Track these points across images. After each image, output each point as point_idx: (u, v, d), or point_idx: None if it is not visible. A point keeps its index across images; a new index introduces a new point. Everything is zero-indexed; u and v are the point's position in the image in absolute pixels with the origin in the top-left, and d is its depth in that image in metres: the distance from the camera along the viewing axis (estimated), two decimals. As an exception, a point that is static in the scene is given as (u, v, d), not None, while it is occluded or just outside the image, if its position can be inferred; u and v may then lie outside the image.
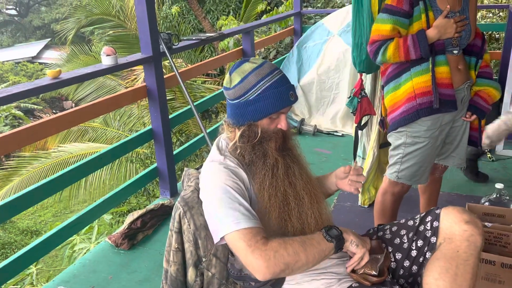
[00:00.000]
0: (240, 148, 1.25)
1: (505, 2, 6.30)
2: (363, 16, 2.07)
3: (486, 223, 2.08)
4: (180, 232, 1.25)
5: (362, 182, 1.37)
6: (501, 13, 6.48)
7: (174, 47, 2.80)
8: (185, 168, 1.42)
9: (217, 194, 1.18)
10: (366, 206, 2.68)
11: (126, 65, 2.50)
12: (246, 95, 1.22)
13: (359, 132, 2.63)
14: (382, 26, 1.76)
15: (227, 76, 1.28)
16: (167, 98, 6.63)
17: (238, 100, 1.24)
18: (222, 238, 1.16)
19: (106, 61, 2.38)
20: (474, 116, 1.89)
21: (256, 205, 1.23)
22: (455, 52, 1.79)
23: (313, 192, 1.29)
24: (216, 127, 3.53)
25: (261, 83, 1.21)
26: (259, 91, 1.21)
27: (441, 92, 1.75)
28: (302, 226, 1.23)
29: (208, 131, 3.05)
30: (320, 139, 3.86)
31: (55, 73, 2.07)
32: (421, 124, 1.80)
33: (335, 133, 3.92)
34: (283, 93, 1.21)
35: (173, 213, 1.27)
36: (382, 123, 2.12)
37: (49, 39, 21.05)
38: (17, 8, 24.49)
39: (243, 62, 1.26)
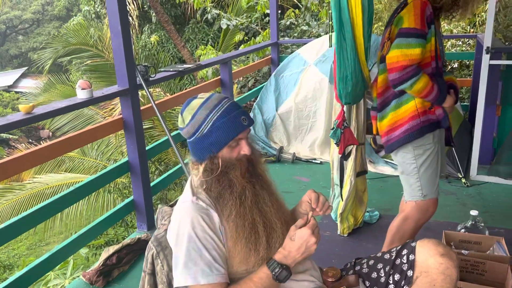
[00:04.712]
0: (206, 183, 1.24)
1: (473, 32, 6.57)
2: (347, 50, 2.12)
3: (463, 251, 2.10)
4: (153, 273, 1.22)
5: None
6: (470, 41, 6.75)
7: (151, 79, 2.80)
8: (159, 206, 1.39)
9: (183, 242, 1.17)
10: (345, 235, 2.67)
11: (102, 98, 2.48)
12: (200, 130, 1.24)
13: (334, 161, 2.66)
14: (411, 51, 1.76)
15: (179, 116, 1.29)
16: (146, 127, 6.61)
17: (194, 137, 1.25)
18: None
19: (81, 95, 2.36)
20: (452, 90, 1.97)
21: (229, 239, 1.21)
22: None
23: (284, 219, 1.28)
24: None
25: (211, 115, 1.23)
26: (210, 123, 1.22)
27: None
28: (268, 255, 1.22)
29: (185, 161, 3.03)
30: (299, 167, 3.87)
31: (28, 108, 2.04)
32: (424, 137, 1.90)
33: (313, 161, 3.94)
34: (234, 120, 1.22)
35: (146, 254, 1.24)
36: (374, 140, 2.18)
37: (26, 67, 20.84)
38: (-6, 37, 24.26)
39: (191, 100, 1.29)
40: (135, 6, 9.03)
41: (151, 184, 2.93)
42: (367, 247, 2.56)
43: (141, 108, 2.78)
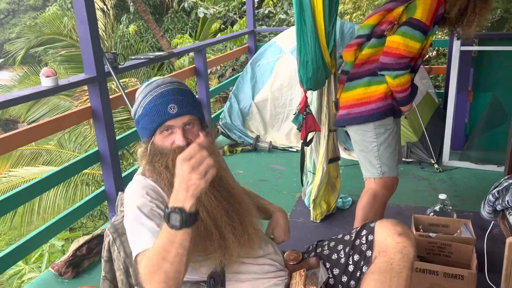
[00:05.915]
0: (149, 166, 1.20)
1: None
2: (307, 35, 2.11)
3: (430, 234, 2.13)
4: (110, 260, 1.20)
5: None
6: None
7: (120, 66, 2.75)
8: (119, 193, 1.37)
9: (129, 216, 1.15)
10: (318, 221, 2.68)
11: (67, 86, 2.42)
12: (136, 113, 1.23)
13: (307, 148, 2.65)
14: (413, 43, 1.77)
15: None
16: (123, 117, 6.52)
17: (135, 119, 1.24)
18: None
19: (46, 83, 2.30)
20: None
21: None
22: None
23: (233, 215, 1.21)
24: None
25: (143, 99, 1.21)
26: (142, 107, 1.21)
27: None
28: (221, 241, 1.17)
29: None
30: (275, 155, 3.87)
31: (-12, 96, 1.98)
32: (386, 118, 1.95)
33: (290, 149, 3.94)
34: (160, 107, 1.17)
35: (103, 241, 1.22)
36: (336, 104, 2.16)
37: (1, 60, 20.32)
38: (-33, 28, 23.53)
39: (144, 83, 1.28)
40: (111, -5, 8.85)
41: (123, 174, 2.89)
42: (339, 233, 2.55)
43: (111, 96, 2.73)
